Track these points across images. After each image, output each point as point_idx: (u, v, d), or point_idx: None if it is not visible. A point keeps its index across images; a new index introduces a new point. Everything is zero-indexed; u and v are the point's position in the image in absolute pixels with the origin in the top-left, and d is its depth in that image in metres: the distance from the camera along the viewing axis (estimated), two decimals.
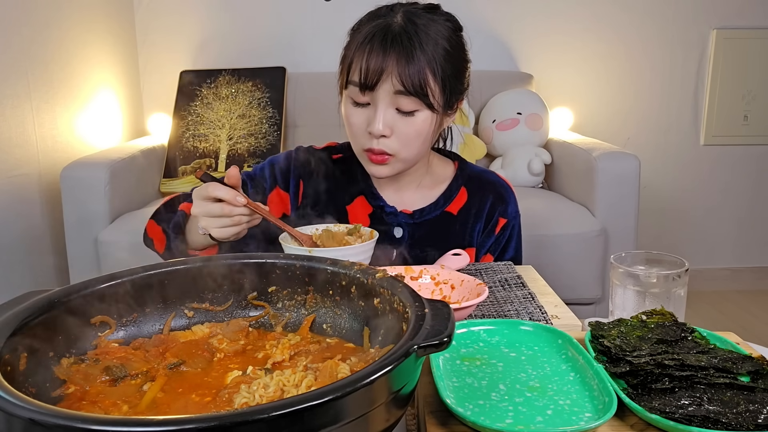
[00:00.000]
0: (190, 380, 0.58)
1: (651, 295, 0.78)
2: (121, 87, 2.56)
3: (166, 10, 2.67)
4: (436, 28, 1.02)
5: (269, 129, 2.41)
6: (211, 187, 0.90)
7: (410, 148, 1.05)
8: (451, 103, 1.06)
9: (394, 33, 0.99)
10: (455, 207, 1.17)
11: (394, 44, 0.98)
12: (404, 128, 1.02)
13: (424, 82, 0.99)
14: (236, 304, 0.69)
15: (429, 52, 0.99)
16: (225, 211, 0.90)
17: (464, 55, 1.08)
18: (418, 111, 1.01)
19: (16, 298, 0.57)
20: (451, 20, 1.07)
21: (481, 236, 1.18)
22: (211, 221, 0.92)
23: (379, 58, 0.98)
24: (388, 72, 0.98)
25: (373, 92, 1.00)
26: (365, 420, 0.43)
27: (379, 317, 0.61)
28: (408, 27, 1.00)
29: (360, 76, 1.00)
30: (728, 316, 2.62)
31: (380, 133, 1.01)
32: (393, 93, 0.99)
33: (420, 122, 1.02)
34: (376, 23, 1.01)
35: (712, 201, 2.88)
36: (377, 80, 0.99)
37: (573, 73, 2.76)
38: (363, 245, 0.94)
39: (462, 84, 1.08)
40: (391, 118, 1.01)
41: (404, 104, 1.00)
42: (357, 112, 1.04)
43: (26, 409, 0.39)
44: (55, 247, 2.09)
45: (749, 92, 2.79)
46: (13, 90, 1.90)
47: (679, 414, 0.54)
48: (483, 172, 1.23)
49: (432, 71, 1.00)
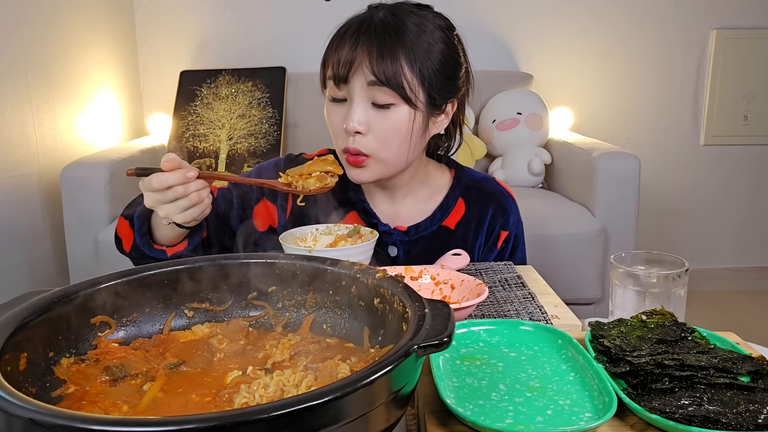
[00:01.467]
0: (190, 380, 0.58)
1: (651, 295, 0.78)
2: (121, 87, 2.56)
3: (166, 10, 2.67)
4: (419, 20, 0.98)
5: (269, 129, 2.41)
6: (156, 179, 0.85)
7: (388, 147, 0.98)
8: (436, 102, 1.00)
9: (369, 24, 0.96)
10: (452, 221, 1.11)
11: (367, 34, 0.95)
12: (380, 123, 0.97)
13: (398, 72, 0.94)
14: (236, 304, 0.69)
15: (407, 43, 0.94)
16: (179, 193, 0.85)
17: (455, 54, 1.02)
18: (395, 105, 0.96)
19: (16, 298, 0.57)
20: (442, 18, 1.02)
21: (483, 251, 1.12)
22: (169, 207, 0.86)
23: (352, 47, 0.95)
24: (360, 61, 0.94)
25: (348, 84, 0.96)
26: (365, 420, 0.43)
27: (379, 317, 0.61)
28: (386, 18, 0.96)
29: (333, 68, 0.96)
30: (728, 316, 2.62)
31: (355, 129, 0.96)
32: (367, 85, 0.95)
33: (397, 117, 0.96)
34: (355, 16, 0.99)
35: (712, 201, 2.88)
36: (349, 69, 0.94)
37: (573, 73, 2.76)
38: (363, 245, 0.94)
39: (453, 84, 1.02)
40: (367, 114, 0.97)
41: (379, 97, 0.95)
42: (335, 110, 1.00)
43: (26, 409, 0.39)
44: (55, 247, 2.09)
45: (749, 92, 2.79)
46: (13, 90, 1.90)
47: (679, 414, 0.54)
48: (482, 180, 1.16)
49: (409, 62, 0.94)
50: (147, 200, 0.87)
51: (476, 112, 2.56)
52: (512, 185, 2.38)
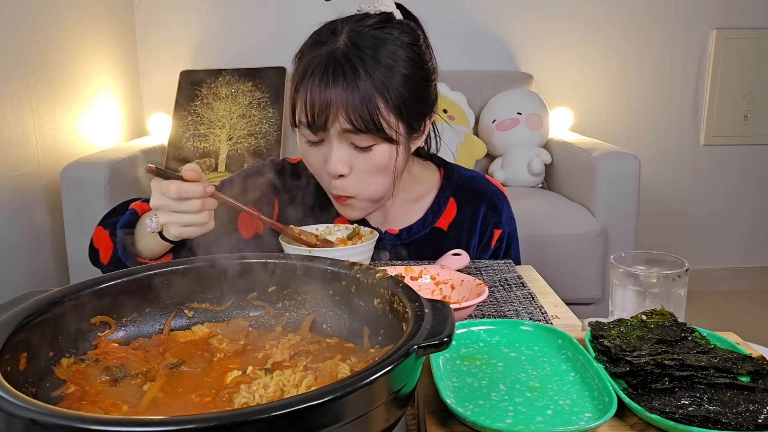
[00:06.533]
0: (190, 380, 0.58)
1: (651, 295, 0.78)
2: (121, 87, 2.56)
3: (166, 10, 2.67)
4: (387, 50, 0.91)
5: (269, 129, 2.41)
6: (176, 186, 0.79)
7: (373, 185, 0.96)
8: (414, 127, 0.96)
9: (335, 63, 0.89)
10: (445, 221, 1.09)
11: (336, 77, 0.88)
12: (363, 165, 0.93)
13: (375, 115, 0.89)
14: (236, 304, 0.69)
15: (378, 80, 0.89)
16: (196, 207, 0.81)
17: (425, 71, 0.96)
18: (376, 145, 0.92)
19: (16, 298, 0.57)
20: (407, 32, 0.94)
21: (477, 251, 1.11)
22: (176, 217, 0.82)
23: (322, 94, 0.88)
24: (335, 110, 0.88)
25: (324, 131, 0.92)
26: (365, 420, 0.43)
27: (379, 317, 0.61)
28: (351, 53, 0.89)
29: (306, 117, 0.91)
30: (728, 316, 2.62)
31: (337, 173, 0.93)
32: (344, 132, 0.91)
33: (379, 156, 0.93)
34: (318, 52, 0.91)
35: (712, 201, 2.88)
36: (325, 119, 0.89)
37: (573, 72, 2.76)
38: (363, 245, 0.94)
39: (425, 103, 0.97)
40: (348, 155, 0.93)
41: (358, 140, 0.91)
42: (312, 152, 0.96)
43: (26, 409, 0.39)
44: (55, 247, 2.09)
45: (749, 92, 2.79)
46: (13, 90, 1.90)
47: (679, 414, 0.54)
48: (472, 178, 1.13)
49: (384, 100, 0.89)
50: (154, 201, 0.82)
51: (476, 112, 2.56)
52: (512, 185, 2.38)
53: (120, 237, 0.92)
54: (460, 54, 2.66)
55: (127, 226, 0.93)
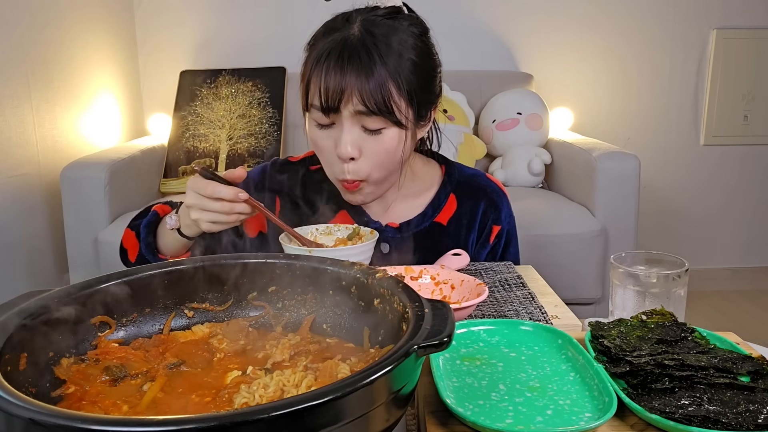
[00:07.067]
0: (190, 380, 0.58)
1: (651, 295, 0.78)
2: (121, 87, 2.56)
3: (166, 10, 2.67)
4: (399, 38, 0.95)
5: (269, 129, 2.41)
6: (211, 187, 0.87)
7: (382, 169, 0.99)
8: (421, 114, 1.00)
9: (351, 48, 0.92)
10: (444, 217, 1.11)
11: (351, 61, 0.91)
12: (373, 147, 0.96)
13: (387, 99, 0.92)
14: (236, 304, 0.69)
15: (391, 66, 0.92)
16: (225, 208, 0.88)
17: (432, 61, 1.00)
18: (385, 129, 0.95)
19: (16, 298, 0.57)
20: (416, 24, 0.99)
21: (476, 247, 1.12)
22: (205, 214, 0.89)
23: (337, 77, 0.92)
24: (349, 92, 0.92)
25: (337, 113, 0.95)
26: (365, 420, 0.43)
27: (379, 317, 0.61)
28: (366, 40, 0.93)
29: (320, 98, 0.94)
30: (728, 316, 2.62)
31: (348, 155, 0.95)
32: (356, 113, 0.93)
33: (388, 140, 0.96)
34: (332, 38, 0.94)
35: (712, 201, 2.88)
36: (338, 101, 0.92)
37: (573, 73, 2.76)
38: (363, 245, 0.94)
39: (432, 93, 1.01)
40: (358, 138, 0.95)
41: (369, 123, 0.94)
42: (323, 135, 0.98)
43: (26, 409, 0.39)
44: (55, 247, 2.09)
45: (749, 92, 2.79)
46: (13, 90, 1.90)
47: (679, 414, 0.54)
48: (473, 176, 1.16)
49: (396, 86, 0.93)
50: (190, 199, 0.89)
51: (476, 112, 2.56)
52: (512, 185, 2.38)
53: (143, 236, 0.99)
54: (460, 54, 2.66)
55: (150, 226, 1.00)
